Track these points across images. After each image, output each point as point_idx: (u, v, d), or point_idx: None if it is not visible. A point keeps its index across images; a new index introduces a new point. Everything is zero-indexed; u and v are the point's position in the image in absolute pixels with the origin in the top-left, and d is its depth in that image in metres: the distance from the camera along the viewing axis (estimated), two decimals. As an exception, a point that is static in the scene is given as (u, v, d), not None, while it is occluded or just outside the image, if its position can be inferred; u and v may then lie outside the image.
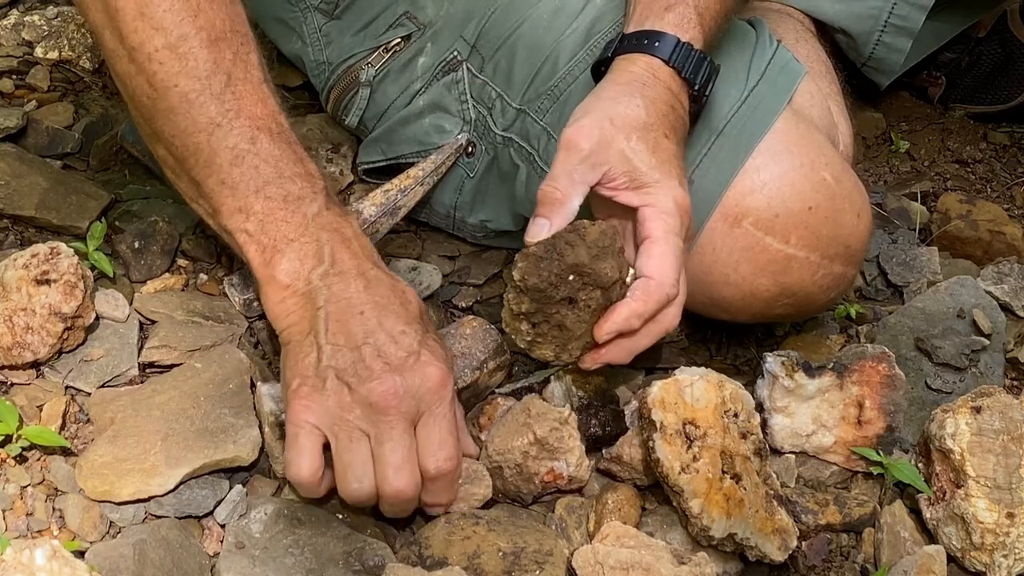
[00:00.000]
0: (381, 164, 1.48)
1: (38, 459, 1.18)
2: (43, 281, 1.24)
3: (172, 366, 1.27)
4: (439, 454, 1.13)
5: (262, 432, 1.21)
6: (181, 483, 1.16)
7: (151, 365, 1.27)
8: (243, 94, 1.17)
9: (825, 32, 1.63)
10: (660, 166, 1.17)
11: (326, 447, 1.13)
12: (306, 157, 1.20)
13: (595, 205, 1.22)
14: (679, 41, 1.21)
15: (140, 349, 1.29)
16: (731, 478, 1.18)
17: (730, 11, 1.28)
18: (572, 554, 1.15)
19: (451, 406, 1.14)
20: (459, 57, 1.41)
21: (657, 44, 1.21)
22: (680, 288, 1.18)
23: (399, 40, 1.44)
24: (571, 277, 1.15)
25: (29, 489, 1.15)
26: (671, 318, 1.19)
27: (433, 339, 1.16)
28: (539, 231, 1.16)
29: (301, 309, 1.16)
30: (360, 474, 1.12)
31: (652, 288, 1.16)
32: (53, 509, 1.15)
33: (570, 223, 1.16)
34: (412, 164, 1.43)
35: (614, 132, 1.17)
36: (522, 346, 1.20)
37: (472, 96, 1.40)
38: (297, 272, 1.16)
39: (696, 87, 1.22)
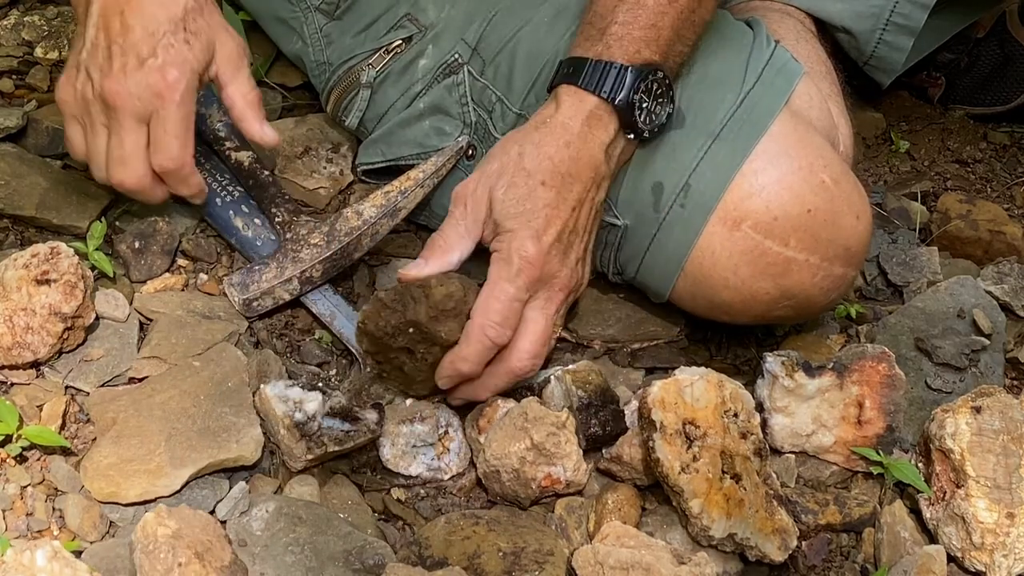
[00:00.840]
0: (380, 165, 1.48)
1: (38, 459, 1.18)
2: (43, 281, 1.24)
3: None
4: (160, 153, 1.26)
5: (265, 432, 1.21)
6: (186, 484, 1.16)
7: (140, 380, 1.28)
8: None
9: (826, 32, 1.63)
10: (520, 216, 1.22)
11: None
12: None
13: None
14: (574, 58, 1.26)
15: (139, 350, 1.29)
16: (731, 478, 1.18)
17: (678, 20, 1.27)
18: (572, 554, 1.15)
19: (180, 107, 1.24)
20: (460, 60, 1.41)
21: (570, 71, 1.26)
22: (525, 337, 1.23)
23: (400, 42, 1.44)
24: (410, 330, 1.22)
25: (29, 489, 1.15)
26: (517, 362, 1.23)
27: (184, 39, 1.25)
28: (413, 270, 1.25)
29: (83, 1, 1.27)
30: (99, 163, 1.28)
31: (470, 329, 1.21)
32: (53, 509, 1.15)
33: (425, 278, 1.23)
34: (412, 166, 1.43)
35: (489, 185, 1.25)
36: (374, 375, 1.29)
37: (473, 99, 1.40)
38: None
39: (610, 95, 1.23)
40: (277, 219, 1.39)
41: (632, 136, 1.27)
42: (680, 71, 1.30)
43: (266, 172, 1.44)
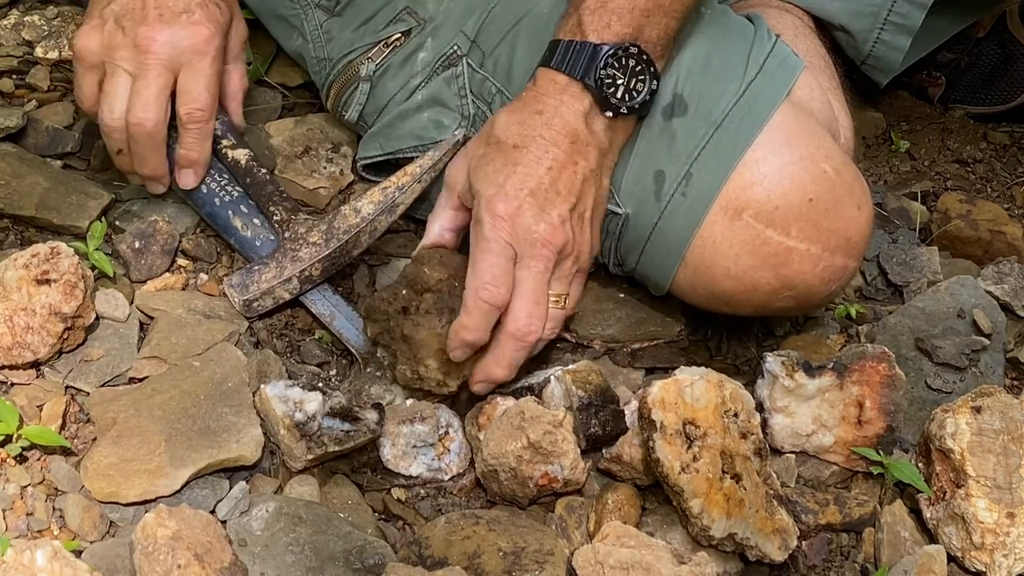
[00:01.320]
0: (379, 159, 1.48)
1: (38, 459, 1.18)
2: (43, 281, 1.24)
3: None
4: (190, 103, 1.33)
5: (265, 432, 1.21)
6: (186, 484, 1.16)
7: (140, 380, 1.28)
8: None
9: (824, 29, 1.63)
10: (490, 177, 1.24)
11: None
12: None
13: None
14: (551, 41, 1.28)
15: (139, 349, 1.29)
16: (731, 478, 1.18)
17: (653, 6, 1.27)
18: (572, 554, 1.15)
19: (212, 64, 1.33)
20: (459, 52, 1.41)
21: (547, 54, 1.28)
22: (517, 298, 1.23)
23: (399, 35, 1.44)
24: (404, 291, 1.28)
25: (29, 489, 1.15)
26: (513, 323, 1.23)
27: (216, 4, 1.35)
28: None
29: None
30: (113, 105, 1.33)
31: (466, 297, 1.23)
32: (53, 509, 1.15)
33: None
34: (410, 159, 1.43)
35: (467, 156, 1.29)
36: (389, 376, 1.31)
37: (472, 91, 1.40)
38: None
39: (578, 74, 1.24)
40: (275, 218, 1.39)
41: (610, 113, 1.26)
42: (669, 46, 1.29)
43: (264, 170, 1.44)
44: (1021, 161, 1.88)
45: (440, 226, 1.32)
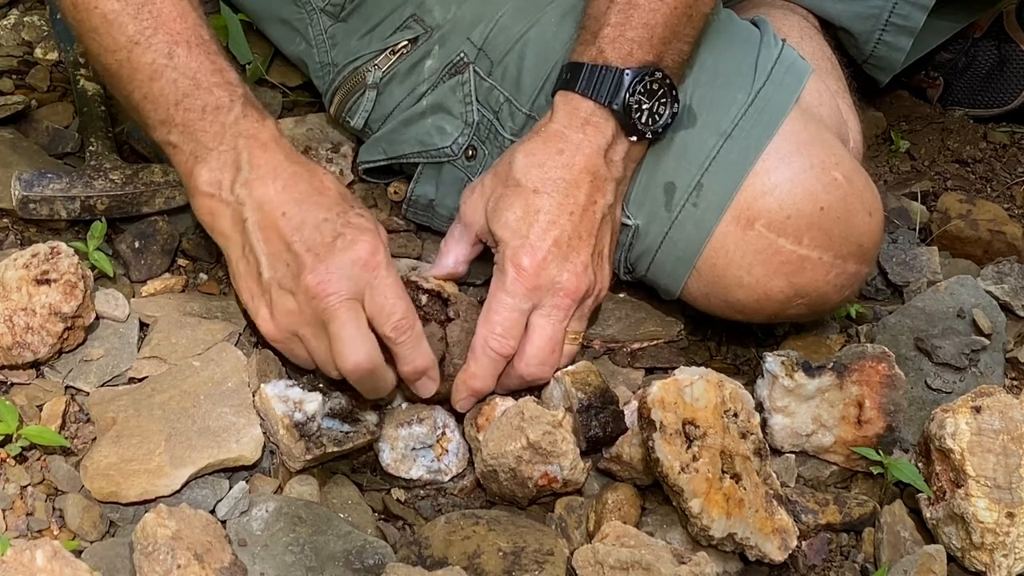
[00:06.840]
0: (382, 163, 1.48)
1: (38, 459, 1.18)
2: (43, 281, 1.24)
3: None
4: (391, 317, 1.18)
5: (265, 432, 1.21)
6: (186, 483, 1.16)
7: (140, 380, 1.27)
8: (161, 11, 1.22)
9: (828, 28, 1.63)
10: (514, 224, 1.25)
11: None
12: (226, 67, 1.26)
13: None
14: (569, 63, 1.28)
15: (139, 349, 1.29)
16: (731, 478, 1.18)
17: (672, 17, 1.27)
18: (572, 554, 1.15)
19: (389, 271, 1.19)
20: (465, 60, 1.40)
21: (567, 77, 1.28)
22: (531, 343, 1.25)
23: (406, 43, 1.44)
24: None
25: (29, 489, 1.15)
26: (524, 368, 1.25)
27: (357, 214, 1.22)
28: (425, 272, 1.35)
29: (231, 223, 1.22)
30: (327, 361, 1.19)
31: (475, 344, 1.25)
32: (53, 509, 1.15)
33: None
34: (413, 165, 1.43)
35: (484, 195, 1.29)
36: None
37: (477, 99, 1.40)
38: (218, 182, 1.22)
39: (605, 99, 1.25)
40: (91, 148, 1.42)
41: (635, 138, 1.27)
42: (684, 69, 1.31)
43: (103, 108, 1.48)
44: (1021, 161, 1.88)
45: (455, 259, 1.33)
